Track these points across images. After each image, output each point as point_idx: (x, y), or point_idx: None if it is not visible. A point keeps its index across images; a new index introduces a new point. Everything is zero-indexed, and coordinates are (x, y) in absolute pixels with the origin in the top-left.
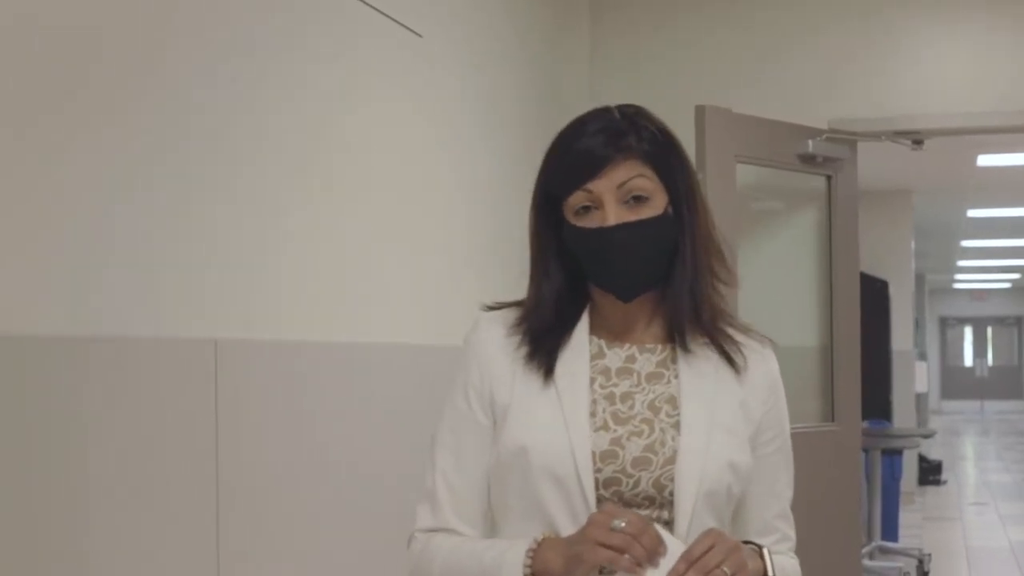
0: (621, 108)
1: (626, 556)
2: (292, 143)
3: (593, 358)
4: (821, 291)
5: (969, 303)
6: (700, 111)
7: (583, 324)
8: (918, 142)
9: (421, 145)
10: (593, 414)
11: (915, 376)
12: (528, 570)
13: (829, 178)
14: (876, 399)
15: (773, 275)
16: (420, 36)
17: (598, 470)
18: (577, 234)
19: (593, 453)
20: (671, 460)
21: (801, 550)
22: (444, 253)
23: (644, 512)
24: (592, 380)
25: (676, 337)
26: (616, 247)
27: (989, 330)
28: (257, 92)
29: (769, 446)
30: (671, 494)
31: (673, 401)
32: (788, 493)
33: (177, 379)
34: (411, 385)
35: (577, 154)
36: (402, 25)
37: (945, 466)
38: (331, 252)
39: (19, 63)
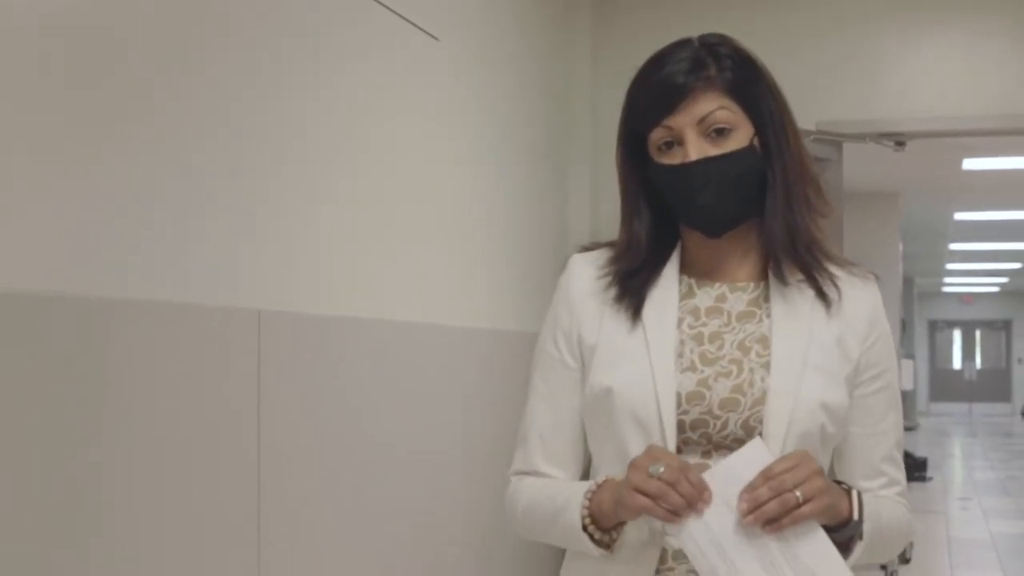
0: (702, 38)
1: (662, 504)
2: (332, 132)
3: (683, 298)
4: None
5: (958, 307)
6: None
7: (673, 263)
8: (901, 143)
9: (443, 140)
10: (680, 355)
11: (900, 374)
12: (586, 511)
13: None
14: None
15: None
16: (437, 39)
17: (684, 412)
18: (660, 171)
19: (679, 394)
20: (760, 401)
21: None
22: (465, 241)
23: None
24: (680, 320)
25: (772, 272)
26: (699, 183)
27: (978, 333)
28: (296, 81)
29: (871, 384)
30: (761, 435)
31: (764, 341)
32: (895, 434)
33: (221, 347)
34: (440, 363)
35: (654, 88)
36: (420, 29)
37: (932, 464)
38: (368, 234)
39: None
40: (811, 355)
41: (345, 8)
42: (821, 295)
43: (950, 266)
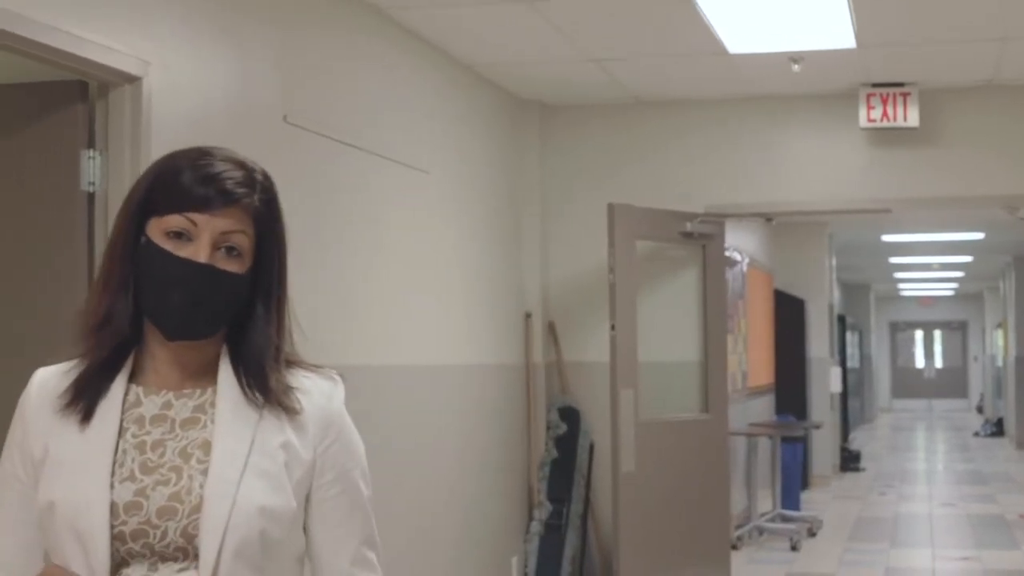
0: (246, 160)
1: None
2: (365, 235)
3: (129, 407)
4: (700, 322)
5: (917, 308)
6: (611, 207)
7: (124, 373)
8: (769, 219)
9: (435, 229)
10: (122, 464)
11: (830, 379)
12: None
13: (704, 247)
14: (794, 398)
15: (666, 312)
16: (427, 172)
17: (123, 522)
18: (160, 256)
19: (116, 504)
20: (198, 508)
21: (679, 516)
22: (449, 298)
23: (177, 565)
24: (125, 430)
25: (222, 378)
26: (194, 286)
27: (937, 334)
28: (345, 206)
29: (331, 488)
30: (197, 543)
31: (207, 446)
32: (361, 535)
33: None
34: (434, 397)
35: (202, 181)
36: (415, 168)
37: (868, 456)
38: (391, 301)
39: None
40: (253, 459)
41: (373, 166)
42: (274, 401)
43: (899, 274)
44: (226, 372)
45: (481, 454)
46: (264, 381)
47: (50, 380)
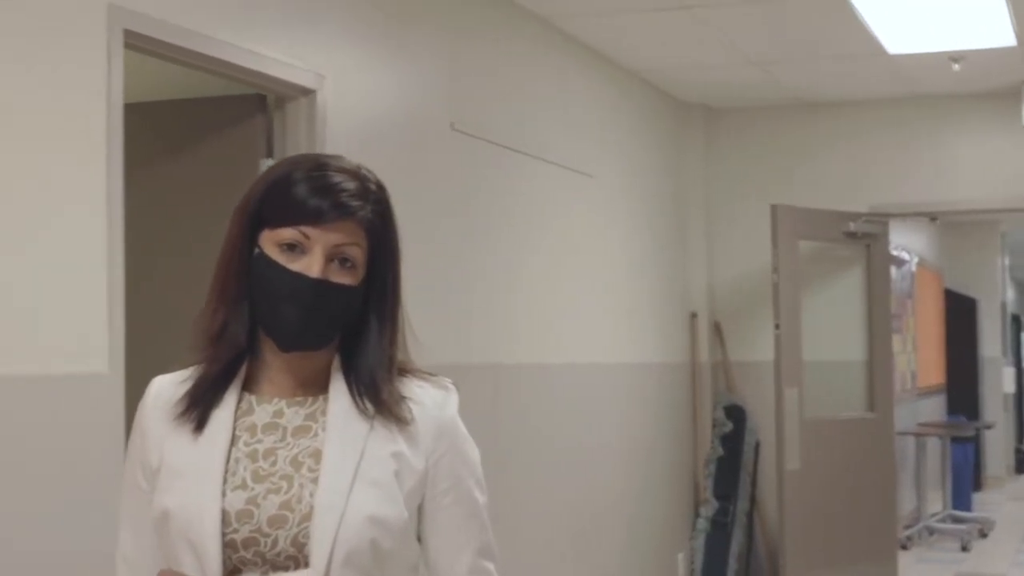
0: (362, 169)
1: None
2: (530, 237)
3: (241, 415)
4: (865, 321)
5: None
6: (774, 208)
7: (237, 381)
8: (934, 219)
9: (604, 233)
10: (234, 473)
11: (1003, 379)
12: None
13: (868, 246)
14: (966, 399)
15: (830, 312)
16: (592, 176)
17: (234, 530)
18: (274, 269)
19: (227, 513)
20: (308, 517)
21: (845, 514)
22: (617, 297)
23: (288, 573)
24: (237, 438)
25: (333, 386)
26: (306, 300)
27: None
28: (515, 213)
29: (445, 497)
30: (308, 551)
31: (317, 455)
32: (477, 544)
33: (462, 396)
34: (602, 394)
35: (316, 193)
36: (581, 172)
37: None
38: (553, 301)
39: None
40: (363, 468)
41: (539, 171)
42: (385, 412)
43: None
44: (338, 381)
45: (647, 451)
46: (376, 393)
47: (166, 389)
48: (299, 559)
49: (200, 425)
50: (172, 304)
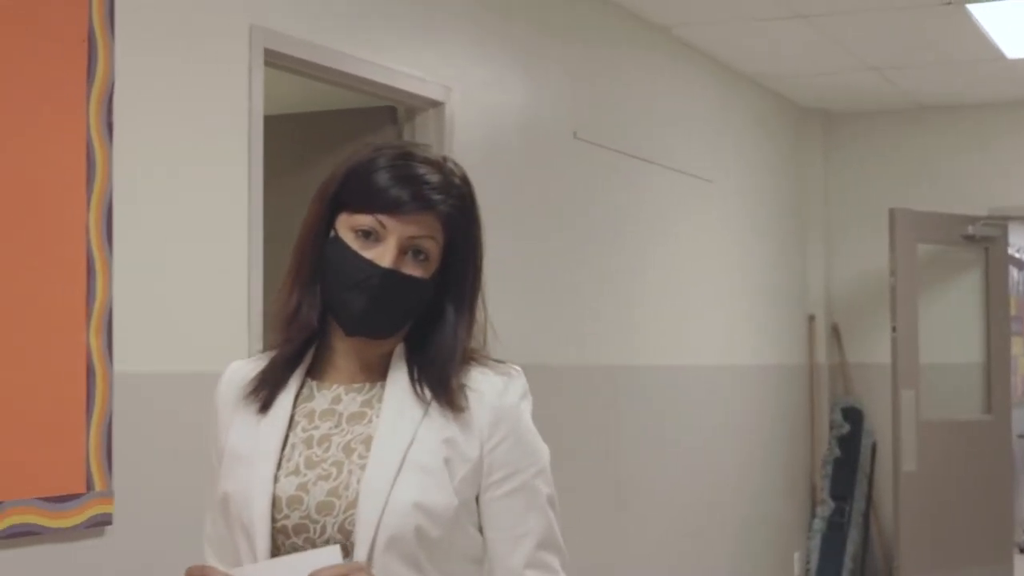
0: (448, 162)
1: None
2: (650, 242)
3: (302, 401)
4: (983, 324)
5: None
6: (891, 212)
7: (302, 367)
8: None
9: (723, 238)
10: (289, 459)
11: None
12: None
13: (987, 249)
14: None
15: (948, 314)
16: (712, 182)
17: (285, 517)
18: (347, 255)
19: (279, 499)
20: (354, 504)
21: (961, 516)
22: (739, 302)
23: (312, 550)
24: (295, 424)
25: (392, 373)
26: (376, 290)
27: None
28: (636, 218)
29: (501, 487)
30: (353, 539)
31: (369, 442)
32: (537, 537)
33: (584, 397)
34: (726, 396)
35: (397, 183)
36: (701, 178)
37: None
38: (673, 304)
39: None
40: (412, 455)
41: (659, 177)
42: (442, 398)
43: None
44: (398, 367)
45: (764, 451)
46: (446, 381)
47: (238, 372)
48: (347, 546)
49: (265, 406)
50: None
